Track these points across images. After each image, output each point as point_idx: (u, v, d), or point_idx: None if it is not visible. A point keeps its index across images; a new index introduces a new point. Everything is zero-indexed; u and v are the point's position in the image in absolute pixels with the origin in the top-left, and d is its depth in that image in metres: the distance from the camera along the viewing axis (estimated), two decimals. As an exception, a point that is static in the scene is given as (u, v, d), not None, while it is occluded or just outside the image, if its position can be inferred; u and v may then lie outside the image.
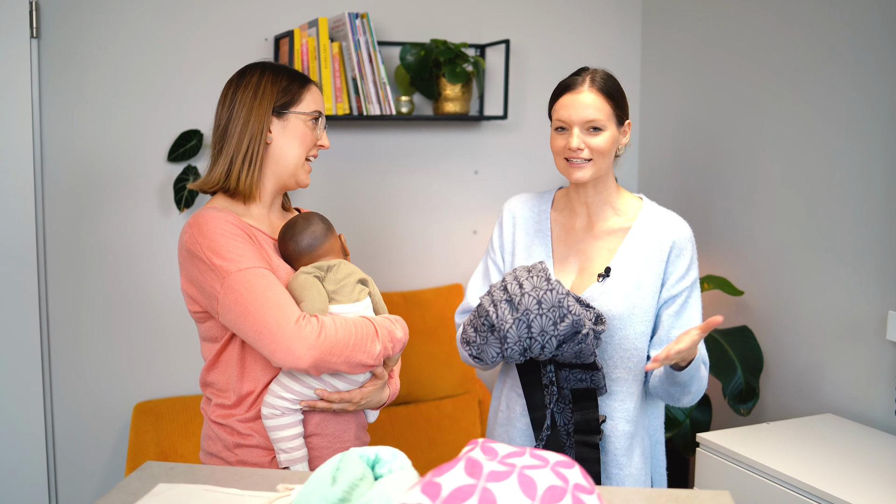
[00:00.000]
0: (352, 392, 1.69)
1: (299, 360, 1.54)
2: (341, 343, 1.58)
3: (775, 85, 2.76)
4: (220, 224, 1.63)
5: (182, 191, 2.70)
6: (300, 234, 1.71)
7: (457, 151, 3.19)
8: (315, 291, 1.63)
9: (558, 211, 1.94)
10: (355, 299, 1.69)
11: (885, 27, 2.38)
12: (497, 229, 2.00)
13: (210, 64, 2.77)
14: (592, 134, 1.76)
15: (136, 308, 2.76)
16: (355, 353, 1.60)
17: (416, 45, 2.92)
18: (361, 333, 1.62)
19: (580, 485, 1.05)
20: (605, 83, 1.78)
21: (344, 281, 1.68)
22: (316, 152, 1.79)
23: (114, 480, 2.75)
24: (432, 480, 1.03)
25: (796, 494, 2.02)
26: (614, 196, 1.89)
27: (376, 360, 1.65)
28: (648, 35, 3.38)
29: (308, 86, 1.77)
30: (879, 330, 2.40)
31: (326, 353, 1.56)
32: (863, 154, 2.46)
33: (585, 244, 1.87)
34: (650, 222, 1.86)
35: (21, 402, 2.60)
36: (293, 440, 1.65)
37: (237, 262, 1.59)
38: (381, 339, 1.65)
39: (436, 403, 3.00)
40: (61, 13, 2.59)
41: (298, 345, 1.54)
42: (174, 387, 2.82)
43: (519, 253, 1.92)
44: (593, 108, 1.75)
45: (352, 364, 1.61)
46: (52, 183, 2.63)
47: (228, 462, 1.71)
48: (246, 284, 1.58)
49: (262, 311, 1.56)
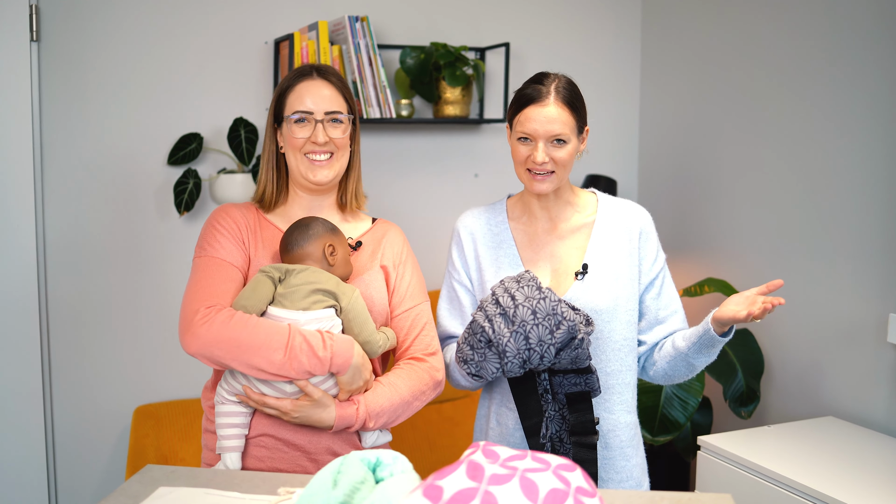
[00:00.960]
0: (281, 401, 1.64)
1: (186, 345, 1.61)
2: (232, 340, 1.58)
3: (775, 87, 2.76)
4: (220, 216, 1.77)
5: (182, 194, 2.69)
6: (287, 234, 1.74)
7: (457, 154, 3.19)
8: (250, 289, 1.66)
9: (515, 219, 1.91)
10: (302, 307, 1.65)
11: (886, 32, 2.38)
12: (456, 250, 1.94)
13: (210, 67, 2.77)
14: (556, 147, 1.75)
15: (136, 311, 2.76)
16: (249, 354, 1.58)
17: (416, 48, 2.92)
18: (264, 338, 1.58)
19: (582, 488, 1.05)
20: (568, 94, 1.76)
21: (296, 287, 1.66)
22: (316, 148, 1.77)
23: (113, 484, 2.75)
24: (434, 484, 1.03)
25: (798, 497, 2.02)
26: (571, 195, 1.89)
27: (277, 369, 1.58)
28: (648, 37, 3.38)
29: (293, 87, 1.79)
30: (880, 332, 2.40)
31: (210, 345, 1.58)
32: (863, 156, 2.46)
33: (553, 246, 1.86)
34: (612, 214, 1.87)
35: (21, 406, 2.59)
36: (228, 428, 1.67)
37: (205, 248, 1.72)
38: (289, 349, 1.58)
39: (436, 407, 2.99)
40: (61, 16, 2.59)
41: (186, 331, 1.60)
42: (174, 390, 2.82)
43: (486, 268, 1.88)
44: (559, 123, 1.73)
45: (248, 365, 1.59)
46: (52, 186, 2.63)
47: (208, 445, 1.76)
48: (195, 267, 1.71)
49: (188, 292, 1.67)
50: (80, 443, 2.72)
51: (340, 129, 1.79)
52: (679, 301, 1.90)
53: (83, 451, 2.72)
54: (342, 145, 1.79)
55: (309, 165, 1.77)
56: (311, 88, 1.78)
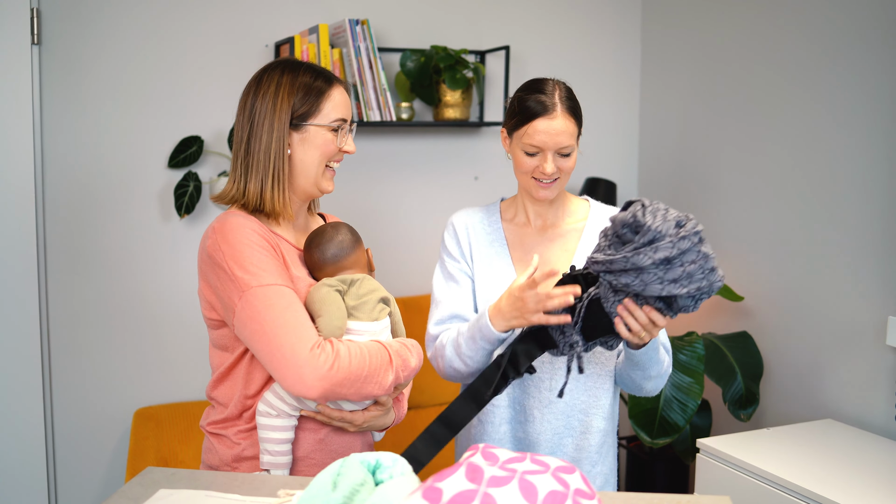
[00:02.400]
0: (354, 413, 1.63)
1: (309, 389, 1.49)
2: (353, 374, 1.53)
3: (775, 90, 2.77)
4: (246, 233, 1.57)
5: (182, 197, 2.70)
6: (327, 244, 1.66)
7: (457, 157, 3.19)
8: (335, 307, 1.57)
9: (508, 220, 1.92)
10: (375, 318, 1.63)
11: (888, 32, 2.39)
12: (451, 238, 1.91)
13: (210, 70, 2.77)
14: (563, 157, 1.76)
15: (136, 314, 2.76)
16: (366, 385, 1.55)
17: (416, 51, 2.93)
18: (375, 364, 1.56)
19: (581, 490, 1.05)
20: (571, 103, 1.77)
21: (366, 297, 1.63)
22: (340, 157, 1.71)
23: (113, 487, 2.75)
24: (433, 486, 1.04)
25: (797, 500, 2.02)
26: (565, 201, 1.91)
27: (387, 390, 1.58)
28: (648, 40, 3.39)
29: (328, 92, 1.66)
30: (879, 335, 2.40)
31: (337, 386, 1.51)
32: (863, 159, 2.47)
33: (542, 247, 1.87)
34: (602, 219, 1.89)
35: (21, 408, 2.60)
36: (280, 444, 1.60)
37: (259, 276, 1.54)
38: (394, 368, 1.59)
39: (434, 410, 2.99)
40: (62, 19, 2.60)
41: (310, 374, 1.49)
42: (174, 393, 2.82)
43: (478, 262, 1.87)
44: (566, 135, 1.73)
45: (361, 395, 1.56)
46: (53, 189, 2.63)
47: (224, 460, 1.67)
48: (265, 302, 1.52)
49: (277, 332, 1.51)
50: (81, 445, 2.72)
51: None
52: None
53: (83, 454, 2.72)
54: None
55: (328, 176, 1.70)
56: (344, 96, 1.69)
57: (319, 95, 1.65)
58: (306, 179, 1.67)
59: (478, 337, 1.71)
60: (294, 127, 1.65)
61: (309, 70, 1.67)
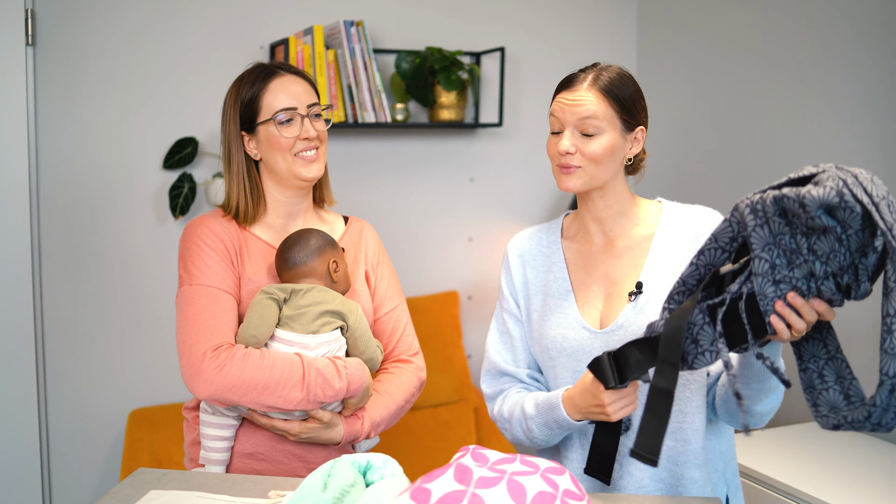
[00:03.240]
0: (288, 423, 1.61)
1: (196, 390, 1.54)
2: (245, 384, 1.53)
3: (770, 92, 2.77)
4: (201, 233, 1.66)
5: (177, 198, 2.70)
6: (287, 250, 1.67)
7: (452, 159, 3.19)
8: (256, 314, 1.58)
9: (569, 238, 1.71)
10: (312, 331, 1.61)
11: (885, 29, 2.39)
12: (505, 276, 1.74)
13: (205, 71, 2.77)
14: (587, 138, 1.54)
15: (131, 315, 2.76)
16: (265, 395, 1.54)
17: (411, 52, 2.93)
18: (278, 377, 1.54)
19: (570, 491, 1.05)
20: (611, 82, 1.55)
21: (305, 309, 1.60)
22: (305, 145, 1.70)
23: (108, 488, 2.74)
24: (422, 486, 1.03)
25: (791, 502, 2.02)
26: (629, 205, 1.65)
27: (295, 406, 1.56)
28: (644, 42, 3.39)
29: (265, 87, 1.69)
30: (875, 337, 2.40)
31: (224, 390, 1.53)
32: (859, 157, 2.47)
33: (607, 266, 1.63)
34: (675, 222, 1.62)
35: (15, 409, 2.59)
36: (215, 440, 1.63)
37: (194, 275, 1.62)
38: (305, 385, 1.56)
39: (431, 411, 2.99)
40: (57, 20, 2.59)
41: (196, 376, 1.53)
42: (169, 394, 2.82)
43: (533, 295, 1.68)
44: (588, 106, 1.52)
45: (262, 405, 1.56)
46: (48, 189, 2.63)
47: (192, 458, 1.73)
48: (188, 300, 1.61)
49: (186, 331, 1.58)
50: (75, 447, 2.71)
51: (321, 120, 1.75)
52: None
53: (78, 455, 2.72)
54: (325, 137, 1.76)
55: (303, 164, 1.70)
56: (285, 85, 1.69)
57: (258, 93, 1.70)
58: (279, 175, 1.72)
59: (554, 426, 1.55)
60: (247, 132, 1.71)
61: (252, 72, 1.72)
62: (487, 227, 3.26)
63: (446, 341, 3.07)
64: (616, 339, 1.54)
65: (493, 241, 3.28)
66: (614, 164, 1.58)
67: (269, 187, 1.75)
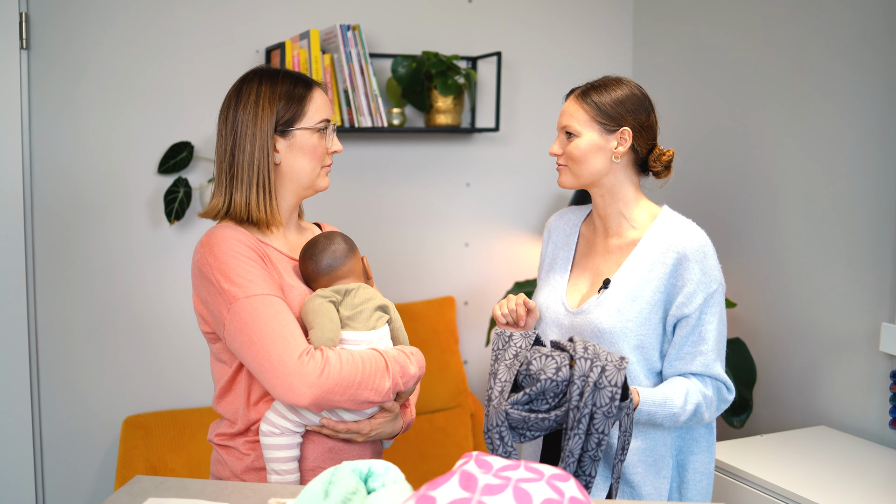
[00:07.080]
0: (360, 423, 1.62)
1: (299, 397, 1.49)
2: (345, 381, 1.52)
3: (766, 97, 2.77)
4: (233, 245, 1.58)
5: (172, 203, 2.68)
6: (320, 254, 1.65)
7: (448, 164, 3.19)
8: (327, 319, 1.56)
9: (587, 224, 1.93)
10: (371, 327, 1.62)
11: (884, 30, 2.39)
12: (542, 246, 2.02)
13: (201, 76, 2.76)
14: (568, 139, 1.78)
15: (125, 321, 2.74)
16: (361, 391, 1.54)
17: (407, 57, 2.92)
18: (370, 370, 1.55)
19: (576, 498, 1.04)
20: (591, 89, 1.78)
21: (361, 307, 1.62)
22: (330, 159, 1.72)
23: (102, 495, 2.72)
24: (426, 494, 1.02)
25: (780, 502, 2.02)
26: (629, 207, 1.82)
27: (384, 396, 1.57)
28: (639, 46, 3.39)
29: (310, 95, 1.67)
30: (872, 342, 2.40)
31: (328, 392, 1.50)
32: (856, 166, 2.47)
33: (600, 259, 1.83)
34: (660, 232, 1.77)
35: (9, 416, 2.57)
36: (287, 462, 1.59)
37: (245, 287, 1.54)
38: (391, 374, 1.58)
39: (428, 417, 2.98)
40: (51, 24, 2.58)
41: (299, 382, 1.48)
42: (164, 401, 2.80)
43: (547, 264, 1.95)
44: (568, 115, 1.78)
45: (357, 402, 1.55)
46: (42, 195, 2.61)
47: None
48: (252, 312, 1.53)
49: (265, 342, 1.51)
50: (69, 454, 2.69)
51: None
52: (712, 343, 1.71)
53: (72, 462, 2.70)
54: None
55: (324, 175, 1.72)
56: (324, 97, 1.71)
57: (302, 99, 1.66)
58: (299, 184, 1.69)
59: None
60: (280, 133, 1.65)
61: (287, 76, 1.69)
62: (484, 232, 3.25)
63: (443, 347, 3.05)
64: (579, 322, 1.77)
65: (490, 246, 3.27)
66: (599, 163, 1.77)
67: (280, 193, 1.70)
